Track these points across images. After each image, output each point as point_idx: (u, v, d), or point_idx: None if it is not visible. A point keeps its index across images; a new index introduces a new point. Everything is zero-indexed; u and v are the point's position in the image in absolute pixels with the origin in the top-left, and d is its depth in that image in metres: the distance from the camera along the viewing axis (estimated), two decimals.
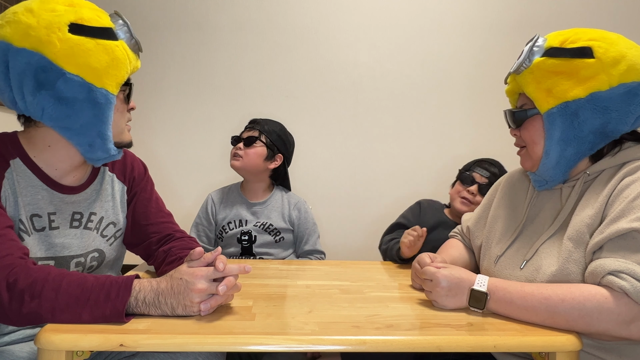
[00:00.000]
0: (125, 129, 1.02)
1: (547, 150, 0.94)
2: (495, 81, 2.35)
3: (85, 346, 0.73)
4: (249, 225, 1.64)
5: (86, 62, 0.87)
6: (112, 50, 0.90)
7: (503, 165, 1.64)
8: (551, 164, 0.95)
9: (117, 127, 0.97)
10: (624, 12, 2.35)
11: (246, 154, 1.63)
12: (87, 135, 0.92)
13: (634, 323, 0.76)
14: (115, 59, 0.91)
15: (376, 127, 2.38)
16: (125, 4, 2.31)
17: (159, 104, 2.37)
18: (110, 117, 0.92)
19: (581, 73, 0.89)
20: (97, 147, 0.94)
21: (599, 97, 0.88)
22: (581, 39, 0.91)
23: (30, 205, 0.92)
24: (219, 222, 1.67)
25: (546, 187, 1.00)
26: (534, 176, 1.01)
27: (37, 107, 0.88)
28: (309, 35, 2.36)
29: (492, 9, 2.35)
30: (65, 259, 0.97)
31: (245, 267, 0.88)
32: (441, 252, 1.23)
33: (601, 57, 0.88)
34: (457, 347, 0.76)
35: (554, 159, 0.94)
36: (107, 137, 0.94)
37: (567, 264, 0.87)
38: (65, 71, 0.85)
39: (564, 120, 0.90)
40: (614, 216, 0.82)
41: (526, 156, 1.01)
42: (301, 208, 1.72)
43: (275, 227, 1.65)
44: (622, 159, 0.91)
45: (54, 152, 0.94)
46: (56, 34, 0.85)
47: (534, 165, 1.00)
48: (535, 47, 0.95)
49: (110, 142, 0.95)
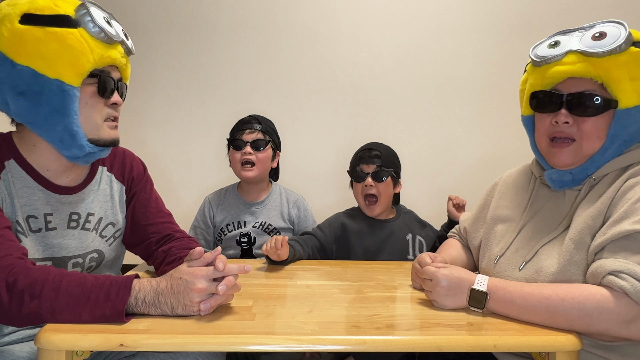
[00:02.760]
0: (103, 125, 0.95)
1: (605, 148, 0.88)
2: (496, 81, 2.35)
3: (85, 346, 0.73)
4: (247, 226, 1.61)
5: (35, 51, 0.83)
6: (64, 38, 0.85)
7: (383, 143, 1.57)
8: (601, 164, 0.89)
9: (89, 123, 0.92)
10: (625, 12, 2.35)
11: (258, 159, 1.54)
12: (54, 130, 0.89)
13: (634, 323, 0.76)
14: (68, 47, 0.85)
15: (376, 127, 2.38)
16: (125, 4, 2.31)
17: (158, 103, 2.36)
18: (72, 110, 0.88)
19: None
20: (68, 143, 0.90)
21: None
22: None
23: (27, 206, 0.92)
24: (217, 225, 1.64)
25: (567, 187, 0.94)
26: (560, 174, 0.93)
27: (3, 103, 0.87)
28: (308, 34, 2.35)
29: (493, 8, 2.35)
30: (63, 259, 0.96)
31: (245, 267, 0.88)
32: (440, 252, 1.23)
33: None
34: (457, 347, 0.76)
35: (609, 159, 0.88)
36: (75, 133, 0.89)
37: (568, 266, 0.87)
38: (15, 62, 0.83)
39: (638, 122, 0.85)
40: (616, 217, 0.82)
41: (572, 150, 0.90)
42: (300, 206, 1.69)
43: (275, 227, 1.62)
44: (627, 162, 0.89)
45: (41, 152, 0.93)
46: (6, 25, 0.83)
47: (576, 161, 0.91)
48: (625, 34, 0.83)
49: (82, 139, 0.90)
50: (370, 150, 1.52)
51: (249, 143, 1.55)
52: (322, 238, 1.51)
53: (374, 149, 1.52)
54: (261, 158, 1.56)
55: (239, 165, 1.56)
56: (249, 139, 1.56)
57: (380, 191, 1.48)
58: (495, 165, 2.27)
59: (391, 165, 1.52)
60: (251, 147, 1.55)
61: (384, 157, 1.50)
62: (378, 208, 1.50)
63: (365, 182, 1.48)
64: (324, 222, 1.57)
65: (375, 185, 1.48)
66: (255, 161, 1.55)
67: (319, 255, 1.48)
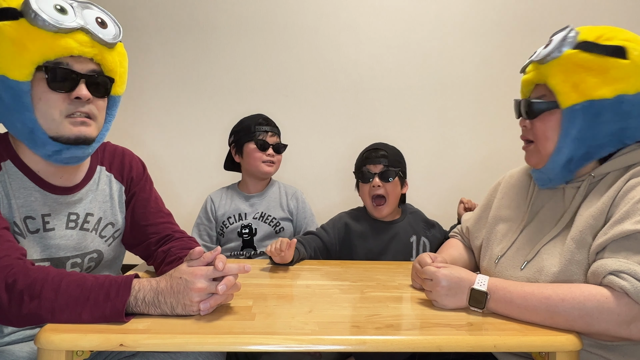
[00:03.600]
0: (63, 121, 0.88)
1: (559, 147, 0.92)
2: (497, 81, 2.35)
3: (85, 346, 0.73)
4: (248, 218, 1.66)
5: None
6: (1, 31, 0.81)
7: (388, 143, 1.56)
8: (561, 162, 0.92)
9: (46, 119, 0.87)
10: (625, 12, 2.35)
11: (278, 160, 1.69)
12: (16, 128, 0.87)
13: (634, 323, 0.76)
14: (5, 40, 0.81)
15: (376, 127, 2.38)
16: (125, 4, 2.31)
17: (158, 103, 2.36)
18: (23, 106, 0.84)
19: (611, 72, 0.85)
20: (33, 141, 0.88)
21: (625, 100, 0.85)
22: (617, 37, 0.88)
23: (24, 207, 0.92)
24: (219, 219, 1.68)
25: (549, 185, 0.98)
26: (538, 173, 0.99)
27: None
28: (309, 34, 2.35)
29: (493, 8, 2.35)
30: (61, 260, 0.96)
31: (245, 267, 0.87)
32: (441, 252, 1.23)
33: (635, 60, 0.85)
34: (457, 347, 0.76)
35: (565, 157, 0.92)
36: (32, 130, 0.86)
37: (569, 265, 0.87)
38: None
39: (585, 119, 0.88)
40: (618, 217, 0.82)
41: (534, 151, 0.98)
42: (299, 198, 1.75)
43: (274, 217, 1.67)
44: (629, 162, 0.89)
45: (27, 152, 0.92)
46: None
47: (540, 161, 0.97)
48: (568, 37, 0.90)
49: (43, 135, 0.87)
50: (376, 150, 1.52)
51: (272, 146, 1.67)
52: (326, 239, 1.50)
53: (380, 149, 1.52)
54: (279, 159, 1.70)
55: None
56: (272, 142, 1.68)
57: (388, 191, 1.48)
58: (497, 165, 2.27)
59: (398, 165, 1.51)
60: (274, 150, 1.67)
61: (391, 157, 1.50)
62: (386, 209, 1.49)
63: (372, 182, 1.48)
64: (328, 223, 1.57)
65: (382, 185, 1.47)
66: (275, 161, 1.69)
67: (320, 256, 1.48)
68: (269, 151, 1.66)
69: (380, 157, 1.49)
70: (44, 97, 0.86)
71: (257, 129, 1.67)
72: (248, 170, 1.70)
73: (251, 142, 1.66)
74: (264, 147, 1.66)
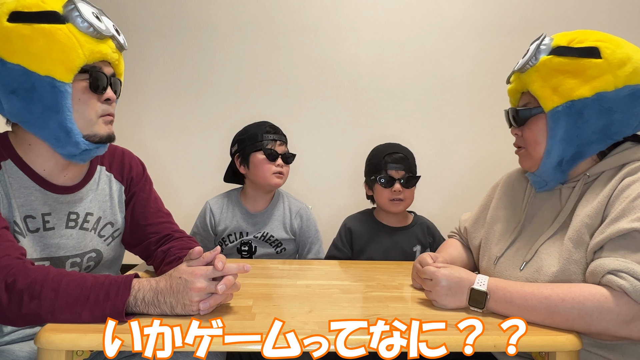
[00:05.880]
0: (97, 121, 0.94)
1: (548, 150, 0.94)
2: (496, 81, 2.33)
3: (85, 346, 0.73)
4: (249, 236, 1.59)
5: (24, 49, 0.83)
6: (52, 34, 0.84)
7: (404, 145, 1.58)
8: (552, 164, 0.95)
9: (83, 119, 0.91)
10: (625, 12, 2.35)
11: (286, 171, 1.61)
12: (48, 128, 0.89)
13: (634, 322, 0.76)
14: (57, 43, 0.85)
15: (376, 127, 2.38)
16: (125, 4, 2.31)
17: (158, 103, 2.36)
18: (65, 106, 0.87)
19: (587, 72, 0.89)
20: (64, 141, 0.90)
21: (604, 97, 0.88)
22: (588, 39, 0.91)
23: (24, 206, 0.92)
24: (219, 234, 1.61)
25: (546, 188, 1.00)
26: (534, 177, 1.01)
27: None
28: (309, 34, 2.35)
29: (493, 9, 2.35)
30: (61, 259, 0.96)
31: (245, 267, 0.88)
32: (440, 252, 1.23)
33: (608, 58, 0.88)
34: (457, 347, 0.76)
35: (555, 159, 0.94)
36: (70, 130, 0.89)
37: (568, 265, 0.87)
38: (5, 61, 0.84)
39: (569, 119, 0.90)
40: (614, 216, 0.82)
41: (526, 156, 1.01)
42: (303, 215, 1.65)
43: (276, 238, 1.59)
44: (623, 160, 0.90)
45: (36, 152, 0.93)
46: None
47: (533, 165, 0.99)
48: (542, 45, 0.94)
49: (78, 135, 0.90)
50: (396, 153, 1.52)
51: (281, 156, 1.59)
52: (342, 257, 1.53)
53: (398, 152, 1.52)
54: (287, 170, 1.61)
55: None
56: (281, 151, 1.59)
57: (407, 195, 1.51)
58: (496, 165, 2.26)
59: (415, 170, 1.54)
60: (283, 160, 1.59)
61: (411, 161, 1.52)
62: (402, 205, 1.52)
63: (394, 187, 1.49)
64: (336, 238, 1.59)
65: (403, 190, 1.50)
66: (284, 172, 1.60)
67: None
68: (278, 161, 1.56)
69: (401, 161, 1.50)
70: (82, 98, 0.91)
71: (264, 137, 1.57)
72: (255, 182, 1.59)
73: (259, 151, 1.55)
74: (273, 157, 1.55)
